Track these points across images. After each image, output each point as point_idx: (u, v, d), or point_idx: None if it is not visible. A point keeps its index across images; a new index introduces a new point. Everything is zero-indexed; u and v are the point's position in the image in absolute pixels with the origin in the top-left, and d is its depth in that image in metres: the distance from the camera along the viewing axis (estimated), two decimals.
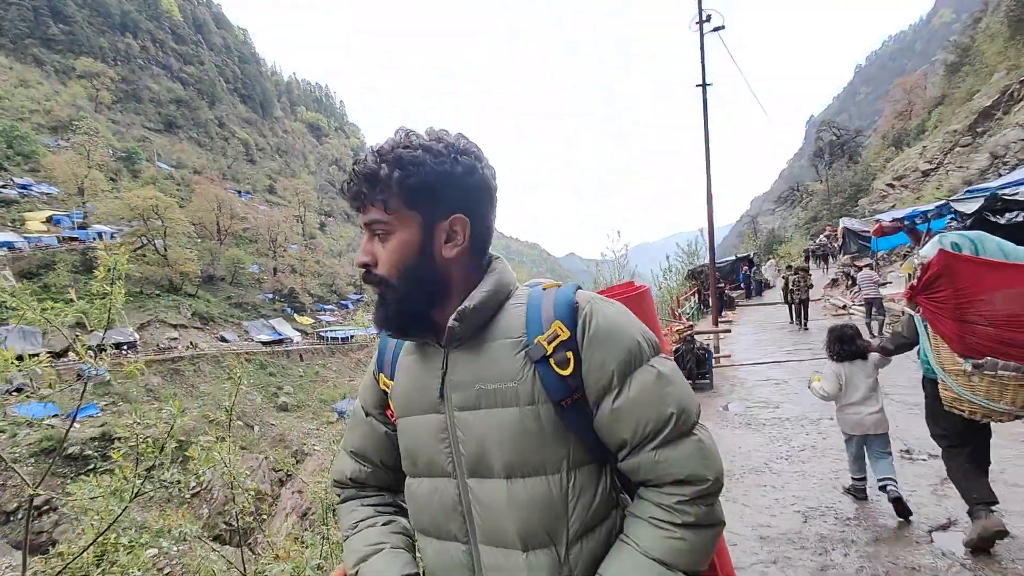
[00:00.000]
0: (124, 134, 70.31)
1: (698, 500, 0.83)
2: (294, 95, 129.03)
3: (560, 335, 0.87)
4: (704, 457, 0.84)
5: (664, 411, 0.84)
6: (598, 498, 0.89)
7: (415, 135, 0.92)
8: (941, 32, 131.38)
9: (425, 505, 0.96)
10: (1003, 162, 18.14)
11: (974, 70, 36.24)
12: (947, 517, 3.09)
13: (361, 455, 1.10)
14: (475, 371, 0.90)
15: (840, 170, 51.71)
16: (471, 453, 0.89)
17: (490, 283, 0.93)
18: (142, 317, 42.68)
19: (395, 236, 0.90)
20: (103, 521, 2.79)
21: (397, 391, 1.01)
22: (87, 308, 2.68)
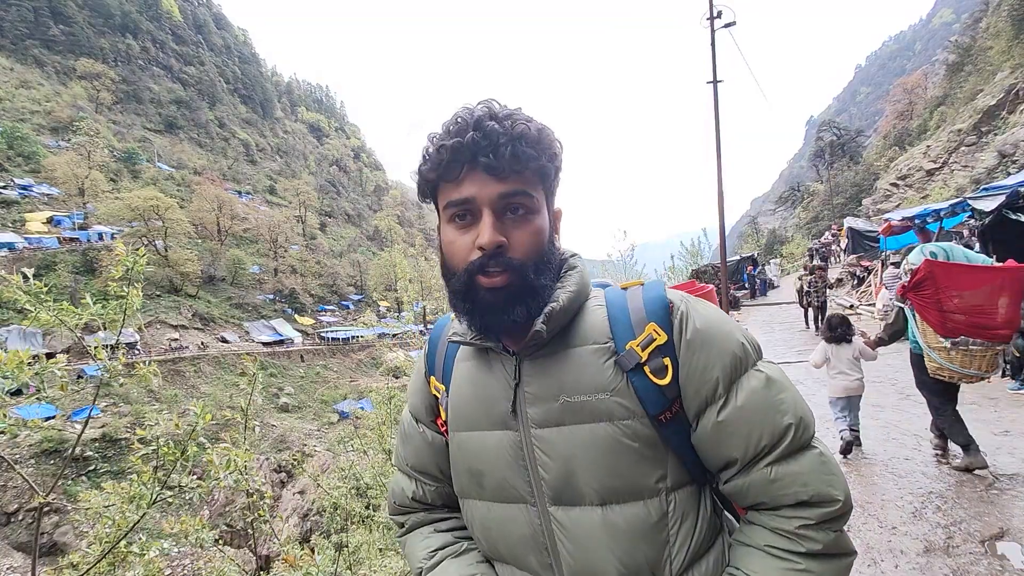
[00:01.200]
0: (125, 135, 70.16)
1: (825, 524, 0.71)
2: (294, 95, 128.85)
3: (656, 339, 0.77)
4: (829, 473, 0.72)
5: (780, 421, 0.73)
6: (701, 523, 0.77)
7: (521, 110, 0.79)
8: (941, 32, 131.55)
9: (499, 534, 0.82)
10: (1012, 160, 18.03)
11: (976, 69, 36.23)
12: (999, 526, 2.95)
13: (421, 471, 0.96)
14: (557, 382, 0.78)
15: (841, 170, 51.68)
16: (555, 477, 0.77)
17: (575, 282, 0.81)
18: (143, 318, 42.54)
19: (537, 217, 0.78)
20: (119, 528, 2.66)
21: (455, 401, 0.87)
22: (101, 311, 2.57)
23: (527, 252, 0.76)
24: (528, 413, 0.79)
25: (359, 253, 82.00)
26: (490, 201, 0.74)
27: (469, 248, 0.75)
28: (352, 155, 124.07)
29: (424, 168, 0.78)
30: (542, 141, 0.76)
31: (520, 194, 0.75)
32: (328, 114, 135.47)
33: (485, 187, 0.74)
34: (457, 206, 0.75)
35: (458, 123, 0.75)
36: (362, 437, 7.98)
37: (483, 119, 0.73)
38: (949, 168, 26.71)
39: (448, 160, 0.74)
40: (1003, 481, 3.52)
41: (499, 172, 0.73)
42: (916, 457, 4.13)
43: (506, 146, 0.72)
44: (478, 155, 0.72)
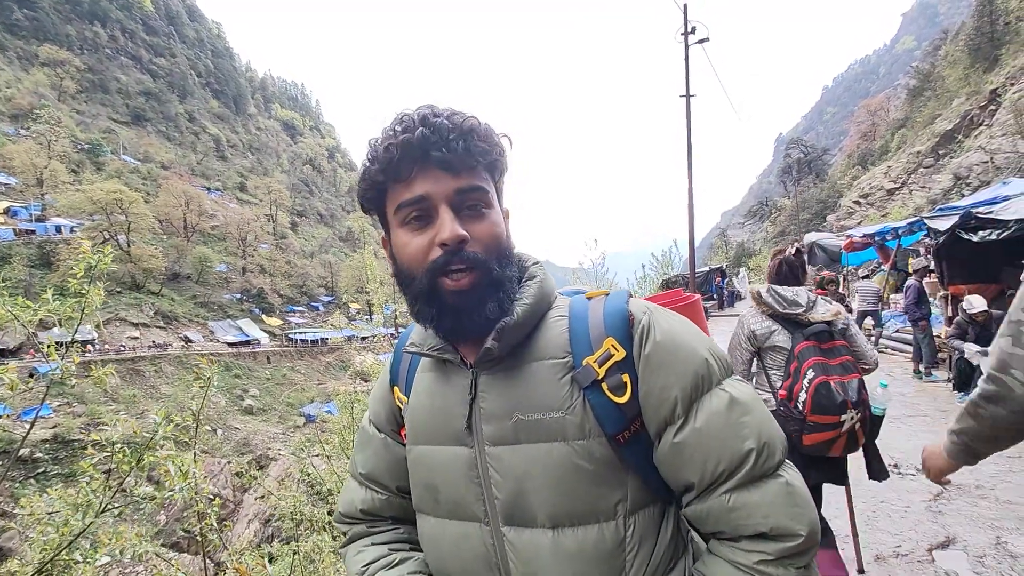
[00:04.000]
0: (89, 125, 67.83)
1: (786, 560, 0.66)
2: (269, 92, 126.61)
3: (614, 355, 0.73)
4: (794, 504, 0.67)
5: (740, 446, 0.68)
6: (660, 547, 0.74)
7: None
8: (903, 58, 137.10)
9: (451, 551, 0.79)
10: (966, 183, 18.85)
11: (935, 95, 37.84)
12: (945, 535, 3.06)
13: (374, 480, 0.92)
14: (512, 399, 0.74)
15: (807, 187, 53.35)
16: (508, 496, 0.73)
17: (532, 293, 0.77)
18: (101, 315, 41.03)
19: (492, 211, 0.75)
20: (62, 536, 2.54)
21: (413, 413, 0.84)
22: (58, 307, 2.46)
23: (488, 246, 0.73)
24: (483, 430, 0.76)
25: (331, 254, 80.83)
26: (446, 197, 0.71)
27: (427, 248, 0.71)
28: (326, 154, 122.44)
29: (372, 169, 0.73)
30: (491, 136, 0.74)
31: (475, 189, 0.72)
32: (303, 112, 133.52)
33: (439, 183, 0.70)
34: (410, 206, 0.72)
35: (403, 122, 0.71)
36: (326, 442, 7.83)
37: (428, 116, 0.70)
38: (908, 188, 27.79)
39: (398, 158, 0.70)
40: (950, 491, 3.65)
41: (452, 167, 0.70)
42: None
43: (457, 140, 0.70)
44: (430, 150, 0.69)
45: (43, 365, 2.68)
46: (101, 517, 2.64)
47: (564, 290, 0.88)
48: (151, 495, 2.97)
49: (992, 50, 31.14)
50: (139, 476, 2.77)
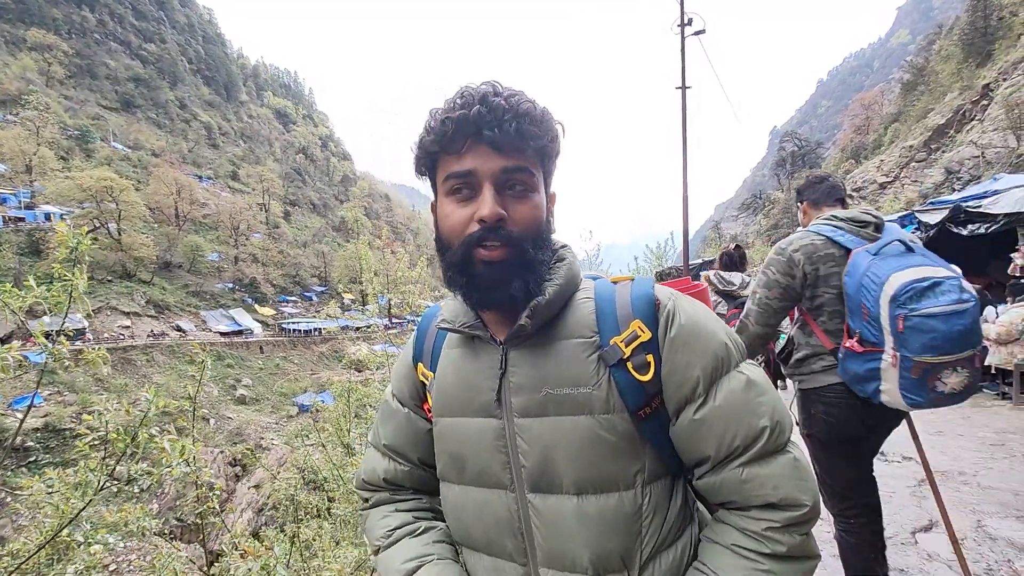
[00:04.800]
0: (77, 111, 66.87)
1: (792, 528, 0.72)
2: (261, 79, 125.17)
3: (640, 336, 0.77)
4: (800, 478, 0.74)
5: (756, 423, 0.74)
6: (671, 515, 0.80)
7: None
8: (898, 52, 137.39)
9: (475, 518, 0.84)
10: (957, 177, 19.02)
11: (928, 89, 38.01)
12: (928, 519, 3.15)
13: (397, 451, 0.97)
14: (541, 374, 0.79)
15: (801, 180, 53.54)
16: (534, 465, 0.78)
17: (562, 274, 0.82)
18: (92, 303, 40.76)
19: (535, 194, 0.79)
20: (63, 515, 2.57)
21: (441, 387, 0.89)
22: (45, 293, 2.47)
23: (526, 227, 0.76)
24: (512, 402, 0.80)
25: (324, 244, 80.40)
26: (491, 175, 0.75)
27: (467, 221, 0.76)
28: (320, 143, 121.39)
29: (427, 140, 0.78)
30: (545, 121, 0.77)
31: (521, 170, 0.76)
32: (296, 100, 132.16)
33: (487, 161, 0.74)
34: (458, 178, 0.76)
35: (464, 97, 0.75)
36: (321, 431, 7.86)
37: (488, 95, 0.74)
38: (900, 182, 27.97)
39: (452, 132, 0.74)
40: (935, 477, 3.75)
41: (502, 147, 0.74)
42: None
43: (510, 122, 0.73)
44: (483, 128, 0.73)
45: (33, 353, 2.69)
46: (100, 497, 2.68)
47: (586, 274, 0.92)
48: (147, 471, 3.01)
49: (985, 45, 31.29)
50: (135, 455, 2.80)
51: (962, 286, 1.70)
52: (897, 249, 1.84)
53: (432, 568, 0.84)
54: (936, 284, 1.69)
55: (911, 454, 4.22)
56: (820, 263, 1.97)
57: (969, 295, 1.69)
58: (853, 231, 1.99)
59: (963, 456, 4.10)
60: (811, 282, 2.00)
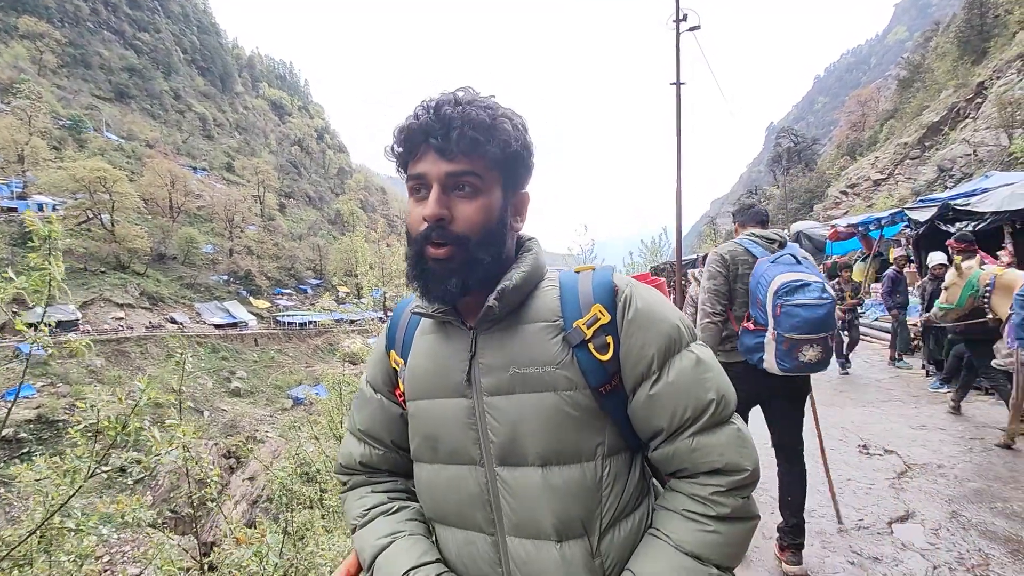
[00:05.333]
0: (70, 101, 66.35)
1: (735, 491, 0.79)
2: (256, 70, 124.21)
3: (600, 319, 0.84)
4: (742, 445, 0.81)
5: (704, 397, 0.81)
6: (630, 486, 0.86)
7: (495, 98, 0.86)
8: (895, 49, 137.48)
9: (446, 494, 0.90)
10: (949, 175, 19.14)
11: (924, 86, 38.09)
12: (905, 510, 3.22)
13: (372, 436, 1.03)
14: (508, 355, 0.85)
15: (796, 176, 53.64)
16: (503, 440, 0.84)
17: (528, 263, 0.89)
18: (85, 295, 40.62)
19: (484, 195, 0.84)
20: (54, 502, 2.61)
21: (413, 372, 0.94)
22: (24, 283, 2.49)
23: (470, 227, 0.82)
24: (481, 382, 0.85)
25: (319, 237, 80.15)
26: (438, 178, 0.81)
27: (420, 219, 0.82)
28: (315, 136, 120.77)
29: (394, 144, 0.86)
30: (495, 128, 0.81)
31: (467, 174, 0.81)
32: (291, 92, 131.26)
33: (434, 165, 0.81)
34: (413, 180, 0.84)
35: (422, 106, 0.82)
36: (314, 423, 7.90)
37: (443, 104, 0.80)
38: (894, 179, 28.12)
39: (405, 139, 0.83)
40: (914, 470, 3.83)
41: (447, 153, 0.80)
42: (841, 448, 4.42)
43: (457, 130, 0.79)
44: (429, 136, 0.80)
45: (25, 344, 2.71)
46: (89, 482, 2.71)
47: (555, 267, 0.99)
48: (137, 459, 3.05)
49: (981, 43, 31.36)
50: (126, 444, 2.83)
51: (824, 288, 2.41)
52: (788, 260, 2.55)
53: (404, 542, 0.89)
54: (805, 285, 2.40)
55: (893, 448, 4.32)
56: (739, 264, 2.71)
57: (828, 295, 2.39)
58: (763, 244, 2.73)
59: (943, 449, 4.18)
60: (733, 277, 2.72)
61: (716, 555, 0.77)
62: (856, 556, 2.77)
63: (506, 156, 0.84)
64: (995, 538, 2.82)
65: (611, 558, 0.83)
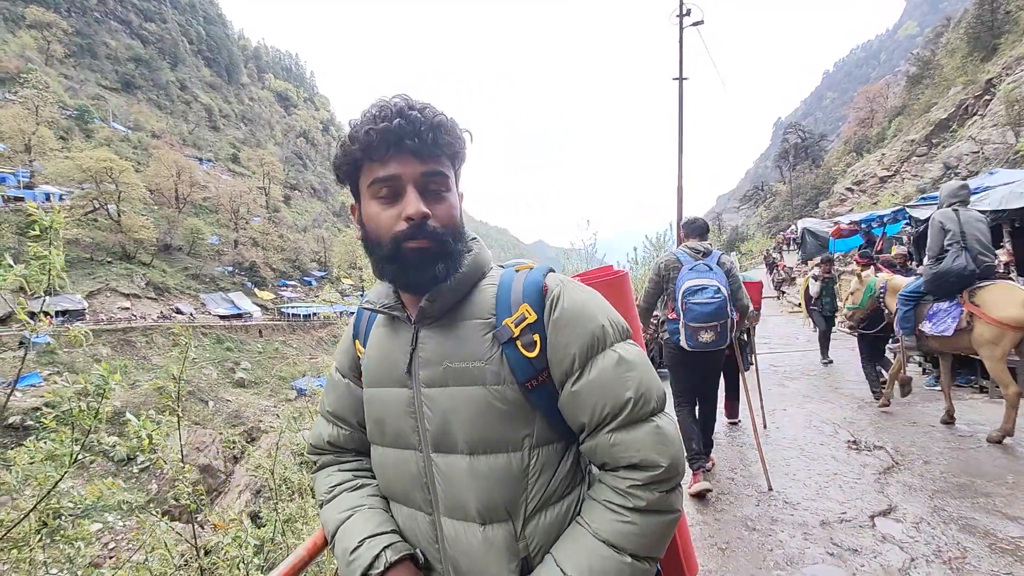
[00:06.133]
0: (77, 91, 66.52)
1: (651, 486, 0.82)
2: (262, 62, 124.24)
3: (527, 318, 0.88)
4: (660, 443, 0.83)
5: (622, 395, 0.84)
6: (559, 475, 0.90)
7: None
8: (905, 44, 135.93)
9: (393, 475, 0.97)
10: (955, 172, 19.02)
11: (933, 83, 37.66)
12: (887, 504, 3.27)
13: (339, 417, 1.09)
14: (444, 350, 0.90)
15: (803, 172, 53.37)
16: (436, 428, 0.90)
17: (467, 263, 0.93)
18: (92, 285, 40.86)
19: (450, 193, 0.90)
20: (43, 487, 2.69)
21: (368, 361, 1.02)
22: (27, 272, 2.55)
23: (446, 222, 0.88)
24: (420, 374, 0.92)
25: (324, 228, 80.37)
26: (413, 178, 0.85)
27: (394, 219, 0.85)
28: (321, 128, 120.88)
29: (351, 148, 0.87)
30: (455, 130, 0.88)
31: (438, 174, 0.87)
32: (297, 83, 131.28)
33: (409, 166, 0.85)
34: (383, 183, 0.86)
35: (383, 111, 0.85)
36: (315, 414, 7.98)
37: (405, 108, 0.85)
38: (900, 176, 27.93)
39: (376, 142, 0.84)
40: (901, 465, 3.87)
41: (421, 154, 0.85)
42: (830, 443, 4.46)
43: (427, 132, 0.84)
44: (404, 138, 0.84)
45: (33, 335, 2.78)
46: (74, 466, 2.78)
47: (506, 263, 1.04)
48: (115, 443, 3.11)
49: (991, 39, 31.02)
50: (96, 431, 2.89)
51: (717, 290, 3.39)
52: (703, 268, 3.50)
53: (363, 514, 0.96)
54: (703, 288, 3.41)
55: (882, 444, 4.35)
56: (671, 270, 3.61)
57: (720, 295, 3.37)
58: (692, 255, 3.62)
59: (931, 446, 4.21)
60: (665, 279, 3.63)
61: (631, 544, 0.81)
62: (836, 548, 2.81)
63: (460, 156, 0.91)
64: (974, 532, 2.86)
65: (536, 541, 0.87)
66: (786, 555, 2.77)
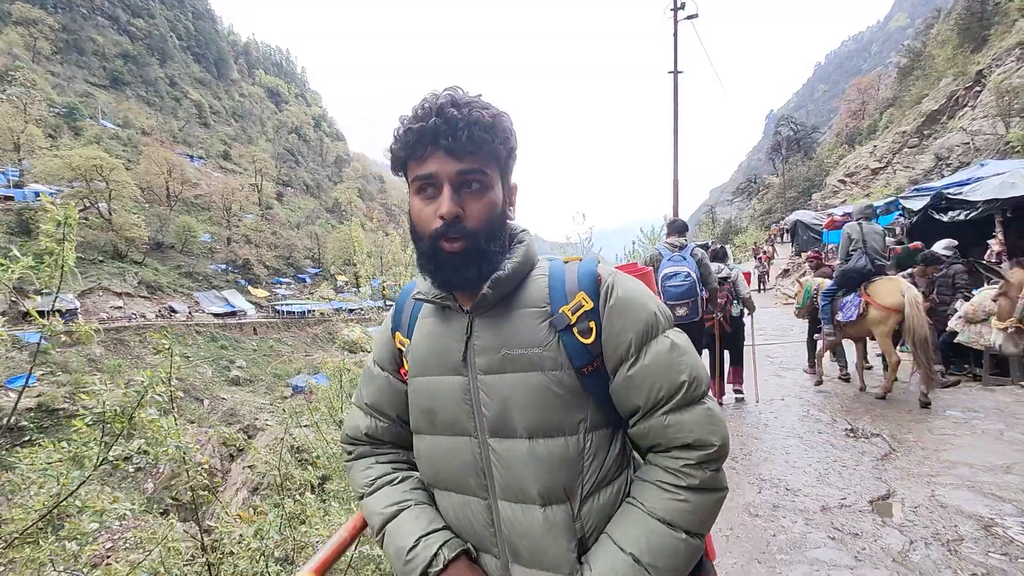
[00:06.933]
0: (65, 88, 65.73)
1: (704, 464, 0.86)
2: (252, 57, 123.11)
3: (584, 306, 0.92)
4: (712, 423, 0.88)
5: (677, 379, 0.88)
6: (610, 459, 0.94)
7: (483, 98, 0.93)
8: (896, 36, 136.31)
9: (445, 463, 0.99)
10: (946, 164, 19.16)
11: (924, 74, 37.82)
12: (886, 489, 3.34)
13: (378, 409, 1.11)
14: (501, 337, 0.93)
15: (795, 165, 53.49)
16: (494, 415, 0.92)
17: (520, 253, 0.97)
18: (84, 284, 40.55)
19: (490, 191, 0.92)
20: (64, 487, 2.69)
21: (416, 351, 1.03)
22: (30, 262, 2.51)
23: (480, 222, 0.90)
24: (476, 362, 0.94)
25: (318, 225, 79.94)
26: (449, 177, 0.87)
27: (432, 217, 0.89)
28: (312, 123, 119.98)
29: (395, 147, 0.92)
30: (495, 127, 0.89)
31: (475, 172, 0.88)
32: (288, 79, 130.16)
33: (445, 165, 0.87)
34: (422, 180, 0.89)
35: (424, 108, 0.88)
36: (315, 411, 7.97)
37: (445, 106, 0.86)
38: (892, 168, 28.10)
39: (414, 141, 0.88)
40: (898, 453, 3.94)
41: (457, 153, 0.86)
42: (828, 431, 4.54)
43: (463, 131, 0.85)
44: (439, 138, 0.86)
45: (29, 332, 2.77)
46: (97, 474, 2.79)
47: (546, 256, 1.07)
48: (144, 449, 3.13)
49: (981, 30, 31.14)
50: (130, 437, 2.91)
51: (687, 275, 4.47)
52: (678, 259, 4.59)
53: (412, 511, 0.99)
54: (676, 274, 4.49)
55: (879, 432, 4.43)
56: (655, 261, 4.66)
57: (689, 279, 4.46)
58: (670, 249, 4.70)
59: (927, 433, 4.30)
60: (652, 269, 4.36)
61: (685, 521, 0.85)
62: (837, 532, 2.88)
63: (504, 152, 0.93)
64: (971, 515, 2.94)
65: (591, 522, 0.91)
66: (789, 540, 2.84)
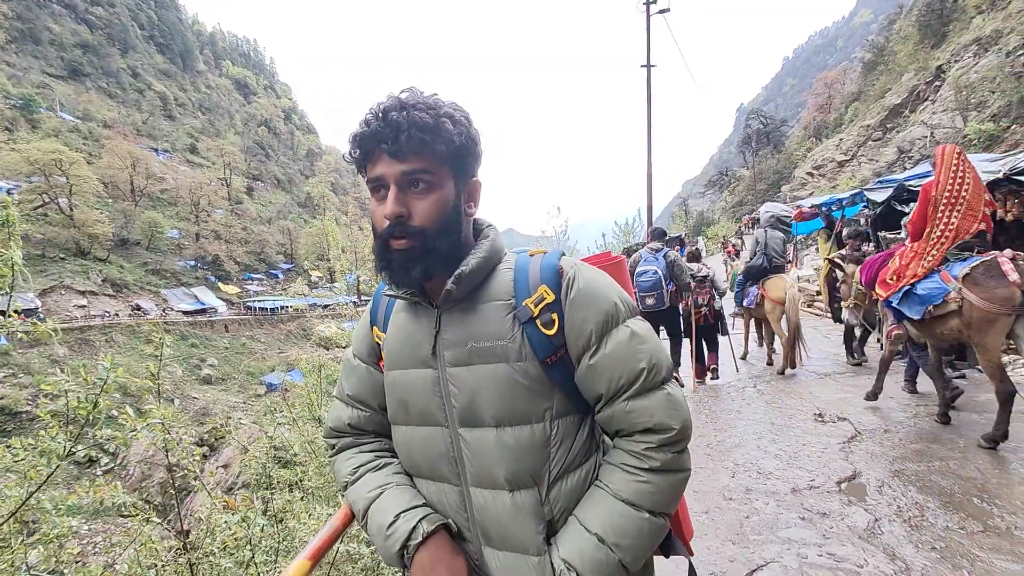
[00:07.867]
0: (20, 79, 62.92)
1: (665, 447, 0.90)
2: (218, 48, 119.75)
3: (546, 298, 0.95)
4: (671, 408, 0.91)
5: (636, 366, 0.91)
6: (577, 444, 0.98)
7: (436, 97, 0.95)
8: (860, 31, 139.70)
9: (420, 451, 1.03)
10: (908, 156, 19.79)
11: (887, 69, 38.91)
12: (852, 471, 3.48)
13: (359, 400, 1.14)
14: (467, 331, 0.96)
15: (765, 158, 54.61)
16: (463, 405, 0.96)
17: (484, 248, 1.00)
18: (45, 282, 39.17)
19: (438, 190, 0.94)
20: (30, 481, 2.63)
21: (389, 345, 1.06)
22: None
23: (427, 220, 0.92)
24: (444, 355, 0.97)
25: (290, 220, 78.49)
26: (394, 178, 0.91)
27: (383, 217, 0.92)
28: (283, 116, 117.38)
29: (351, 150, 0.95)
30: (437, 128, 0.90)
31: (419, 172, 0.91)
32: (256, 70, 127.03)
33: (390, 167, 0.91)
34: (373, 182, 0.93)
35: (371, 113, 0.92)
36: (291, 408, 7.90)
37: (389, 110, 0.90)
38: (857, 161, 28.92)
39: (361, 145, 0.92)
40: (864, 435, 4.11)
41: (399, 155, 0.89)
42: (797, 416, 4.70)
43: (404, 133, 0.88)
44: (381, 142, 0.90)
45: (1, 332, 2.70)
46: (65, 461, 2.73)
47: (515, 249, 1.11)
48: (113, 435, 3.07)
49: (940, 26, 32.16)
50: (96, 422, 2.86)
51: (655, 272, 5.60)
52: (652, 259, 5.69)
53: (393, 491, 1.02)
54: (646, 272, 5.65)
55: (845, 416, 4.60)
56: (636, 263, 5.70)
57: (657, 276, 5.58)
58: (649, 251, 5.79)
59: (891, 416, 4.48)
60: (632, 270, 5.28)
61: (648, 502, 0.90)
62: (807, 512, 3.00)
63: (452, 151, 0.94)
64: (931, 492, 3.09)
65: (559, 505, 0.95)
66: (762, 521, 2.95)
